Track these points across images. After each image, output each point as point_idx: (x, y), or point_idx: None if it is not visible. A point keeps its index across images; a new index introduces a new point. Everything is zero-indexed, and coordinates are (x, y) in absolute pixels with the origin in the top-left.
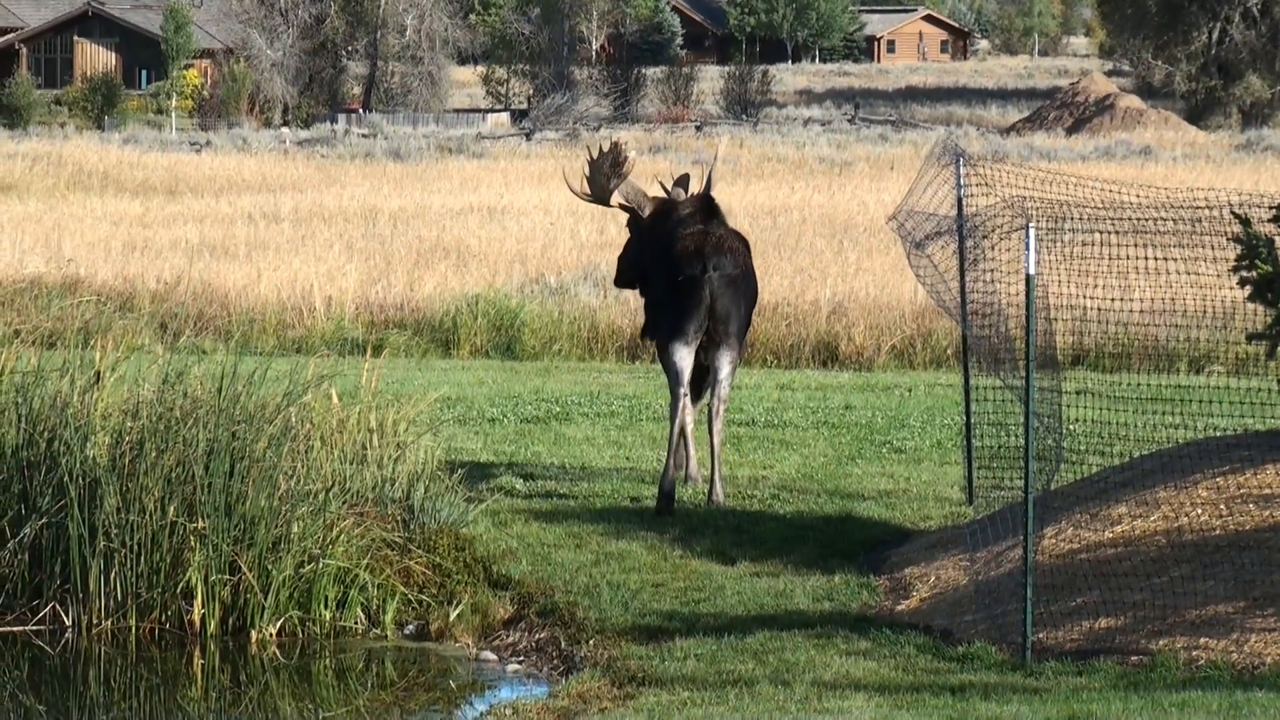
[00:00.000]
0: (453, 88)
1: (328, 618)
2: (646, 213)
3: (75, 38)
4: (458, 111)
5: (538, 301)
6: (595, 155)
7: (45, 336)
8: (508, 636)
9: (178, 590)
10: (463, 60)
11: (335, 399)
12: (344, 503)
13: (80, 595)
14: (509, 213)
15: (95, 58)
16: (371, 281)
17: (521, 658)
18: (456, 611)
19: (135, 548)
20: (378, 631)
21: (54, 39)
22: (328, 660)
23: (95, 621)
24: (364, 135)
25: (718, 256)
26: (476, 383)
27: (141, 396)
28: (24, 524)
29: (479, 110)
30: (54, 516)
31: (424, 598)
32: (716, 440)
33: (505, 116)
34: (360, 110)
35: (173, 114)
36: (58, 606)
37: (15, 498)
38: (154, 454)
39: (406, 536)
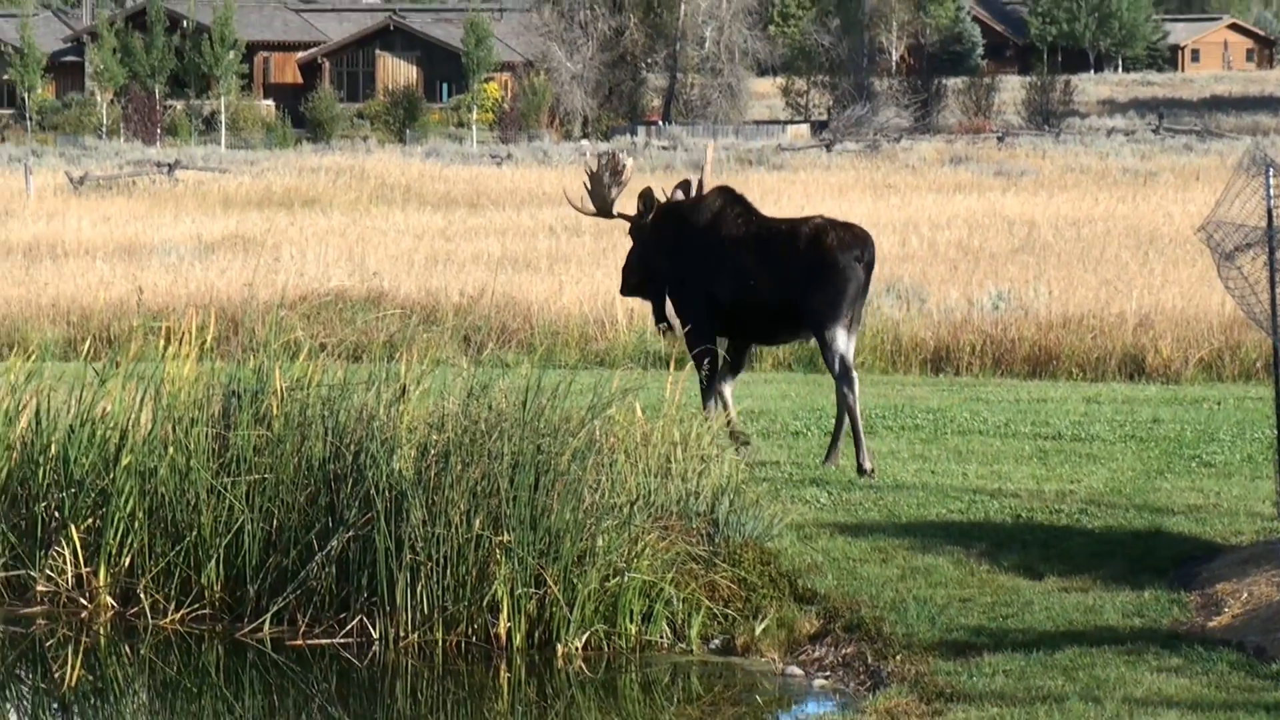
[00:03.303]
0: (752, 99)
1: (633, 631)
2: (650, 219)
3: (377, 51)
4: (757, 123)
5: None
6: (594, 169)
7: (350, 350)
8: (814, 651)
9: (483, 603)
10: (762, 72)
11: (639, 412)
12: (649, 516)
13: (387, 608)
14: None
15: (397, 71)
16: None
17: (828, 673)
18: (762, 626)
19: (441, 561)
20: (683, 646)
21: (356, 53)
22: (633, 674)
23: (402, 634)
24: (663, 147)
25: (866, 246)
26: (779, 396)
27: (446, 410)
28: (331, 537)
29: (778, 122)
30: (361, 529)
31: (729, 612)
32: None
33: (805, 128)
34: (660, 122)
35: (473, 127)
36: (365, 619)
37: (322, 511)
38: (459, 467)
39: (711, 550)
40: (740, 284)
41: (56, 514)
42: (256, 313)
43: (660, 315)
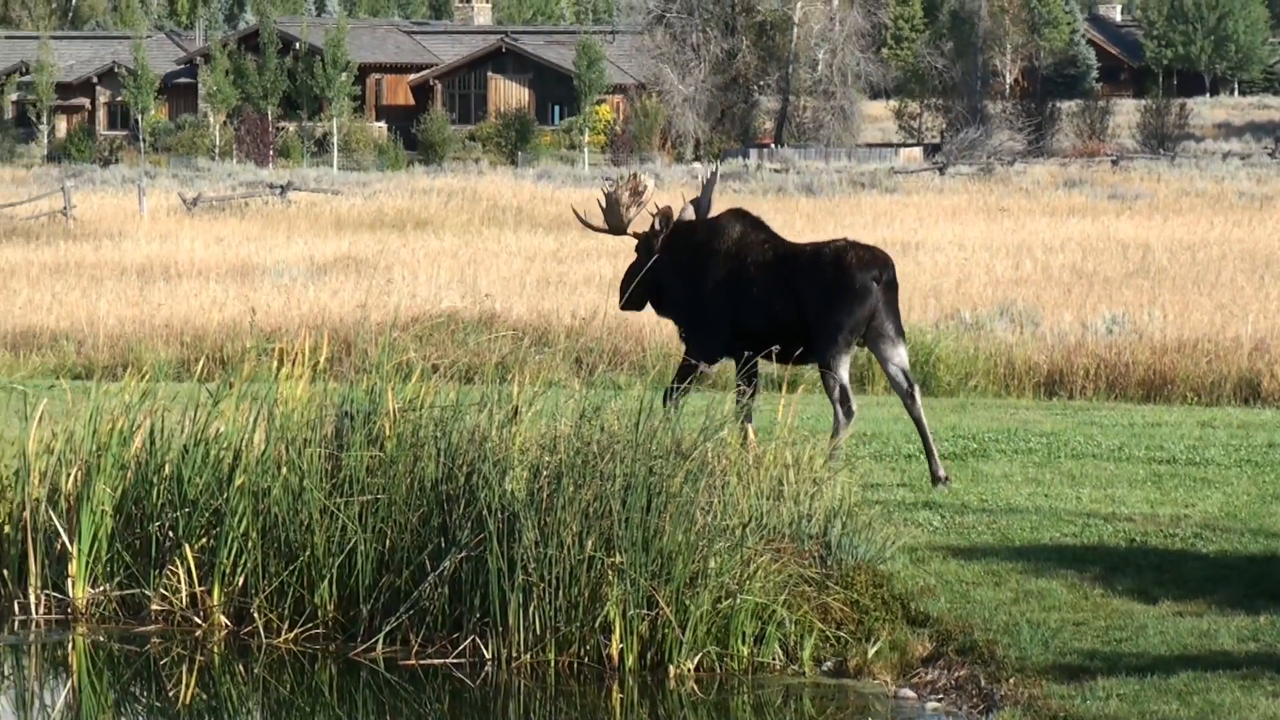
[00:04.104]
0: (865, 122)
1: (745, 653)
2: (663, 239)
3: (489, 74)
4: (870, 146)
5: (953, 337)
6: (613, 190)
7: (463, 371)
8: (926, 674)
9: (596, 624)
10: (875, 94)
11: (751, 434)
12: (761, 538)
13: (500, 629)
14: (923, 248)
15: (509, 93)
16: None
17: (940, 696)
18: (875, 648)
19: (553, 582)
20: (795, 668)
21: (468, 75)
22: (746, 696)
23: (515, 655)
24: (776, 170)
25: (885, 266)
26: (892, 419)
27: (559, 431)
28: (444, 557)
29: (891, 145)
30: (473, 550)
31: (841, 634)
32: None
33: (918, 151)
34: (772, 145)
35: (585, 149)
36: (478, 640)
37: (435, 531)
38: (571, 488)
39: (824, 573)
40: (765, 307)
41: (171, 533)
42: (369, 334)
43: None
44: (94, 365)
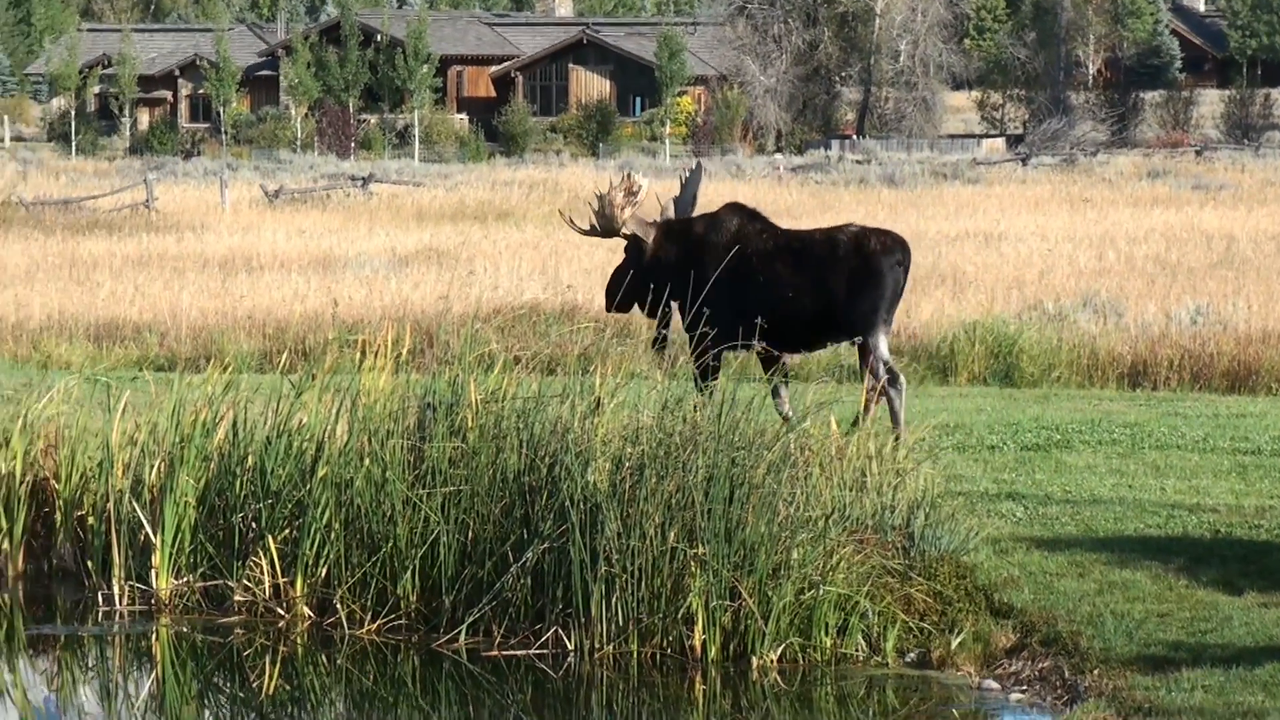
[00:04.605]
0: (946, 113)
1: (828, 644)
2: (653, 237)
3: (570, 65)
4: (951, 137)
5: (1036, 328)
6: (605, 191)
7: (545, 362)
8: (1010, 665)
9: (678, 615)
10: (956, 85)
11: (834, 425)
12: (844, 530)
13: (582, 620)
14: (1005, 238)
15: (590, 85)
16: None
17: (1024, 687)
18: (958, 639)
19: (636, 573)
20: (878, 659)
21: (549, 67)
22: (829, 687)
23: (597, 646)
24: (858, 161)
25: (906, 250)
26: (975, 410)
27: (641, 423)
28: (526, 548)
29: (973, 135)
30: (555, 541)
31: (925, 625)
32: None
33: (1000, 142)
34: (853, 136)
35: (666, 141)
36: (560, 631)
37: (518, 522)
38: (654, 480)
39: (907, 564)
40: (776, 297)
41: (254, 525)
42: (451, 325)
43: (661, 334)
44: (176, 357)
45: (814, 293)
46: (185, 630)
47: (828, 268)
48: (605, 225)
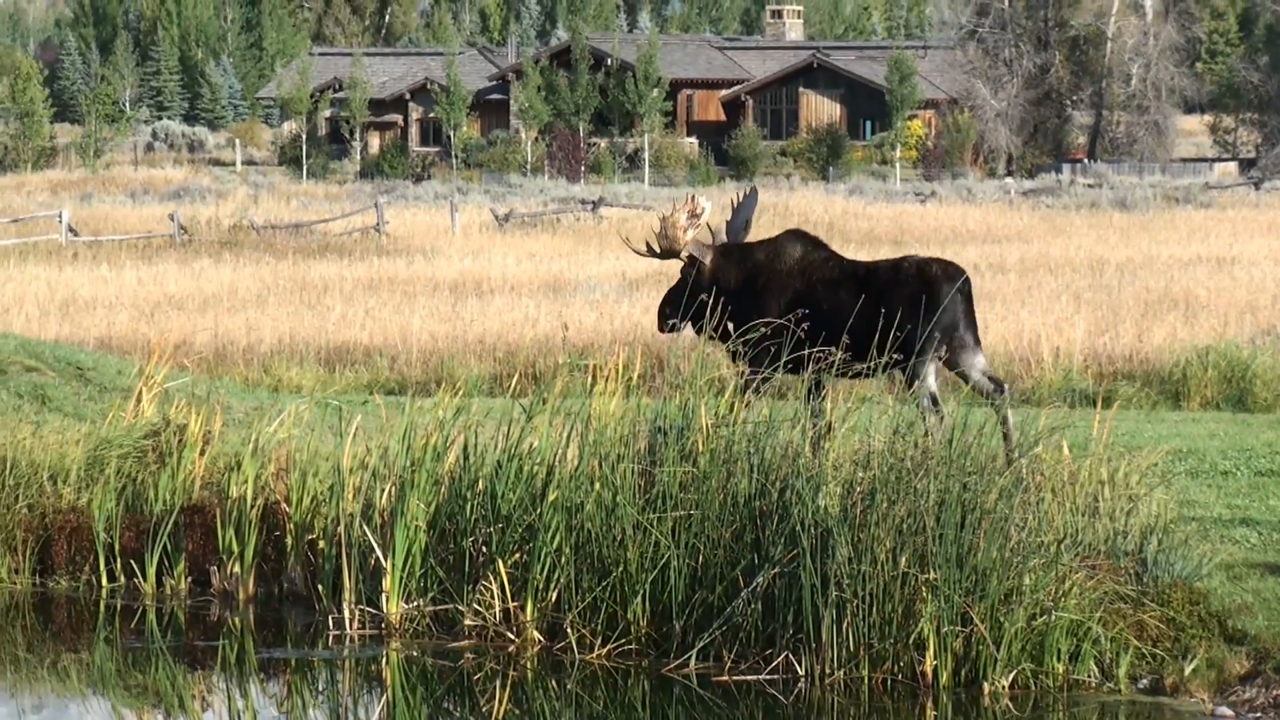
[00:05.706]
0: (1178, 137)
1: (1060, 670)
2: (710, 260)
3: (800, 89)
4: (1184, 161)
5: (1270, 353)
6: (669, 214)
7: (776, 387)
8: (1244, 692)
9: (909, 641)
10: (1189, 109)
11: (1066, 451)
12: (1076, 555)
13: (813, 645)
14: (1238, 263)
15: (820, 109)
16: (1099, 332)
17: (1259, 714)
18: (1191, 666)
19: (867, 598)
20: (1111, 685)
21: (779, 90)
22: (1061, 713)
23: (828, 671)
24: (1089, 185)
25: (964, 278)
26: (1207, 435)
27: (872, 447)
28: (756, 573)
29: (1205, 159)
30: (786, 566)
31: (1157, 652)
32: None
33: (1233, 165)
34: (1085, 159)
35: (897, 165)
36: (790, 656)
37: (748, 547)
38: (885, 504)
39: (1139, 590)
40: (839, 323)
41: (484, 549)
42: (682, 350)
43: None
44: (407, 381)
45: (873, 321)
46: (415, 655)
47: (891, 295)
48: (666, 246)
